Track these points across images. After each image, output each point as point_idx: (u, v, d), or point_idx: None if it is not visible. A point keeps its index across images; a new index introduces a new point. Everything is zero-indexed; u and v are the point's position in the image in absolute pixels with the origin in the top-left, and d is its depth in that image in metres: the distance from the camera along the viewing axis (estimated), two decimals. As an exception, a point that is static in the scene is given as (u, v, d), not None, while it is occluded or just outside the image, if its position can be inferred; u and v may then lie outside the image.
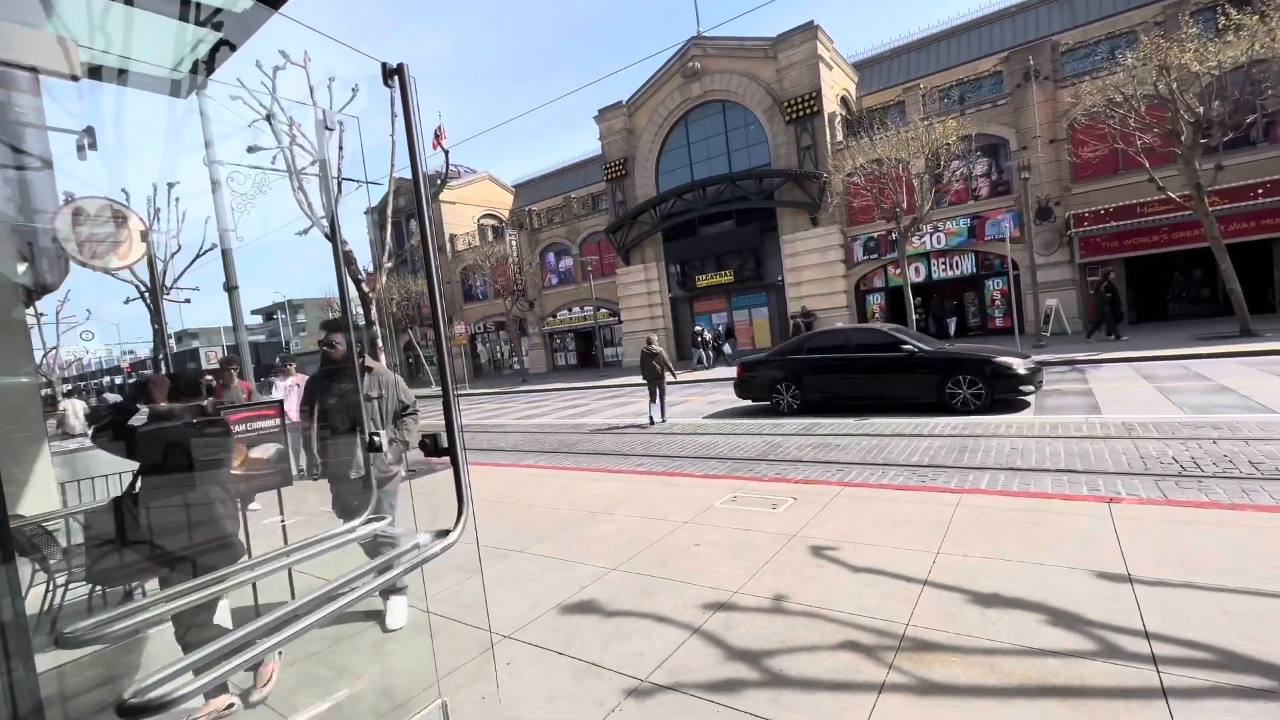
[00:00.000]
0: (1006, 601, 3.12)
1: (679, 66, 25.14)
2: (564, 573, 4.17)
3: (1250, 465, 5.21)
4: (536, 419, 14.30)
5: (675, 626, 3.24)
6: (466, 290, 36.51)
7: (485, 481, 7.42)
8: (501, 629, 3.41)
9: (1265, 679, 2.34)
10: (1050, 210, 19.02)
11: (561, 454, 9.36)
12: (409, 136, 1.81)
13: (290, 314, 62.03)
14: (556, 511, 5.73)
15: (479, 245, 33.95)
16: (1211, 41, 13.23)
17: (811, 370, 10.39)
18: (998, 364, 8.87)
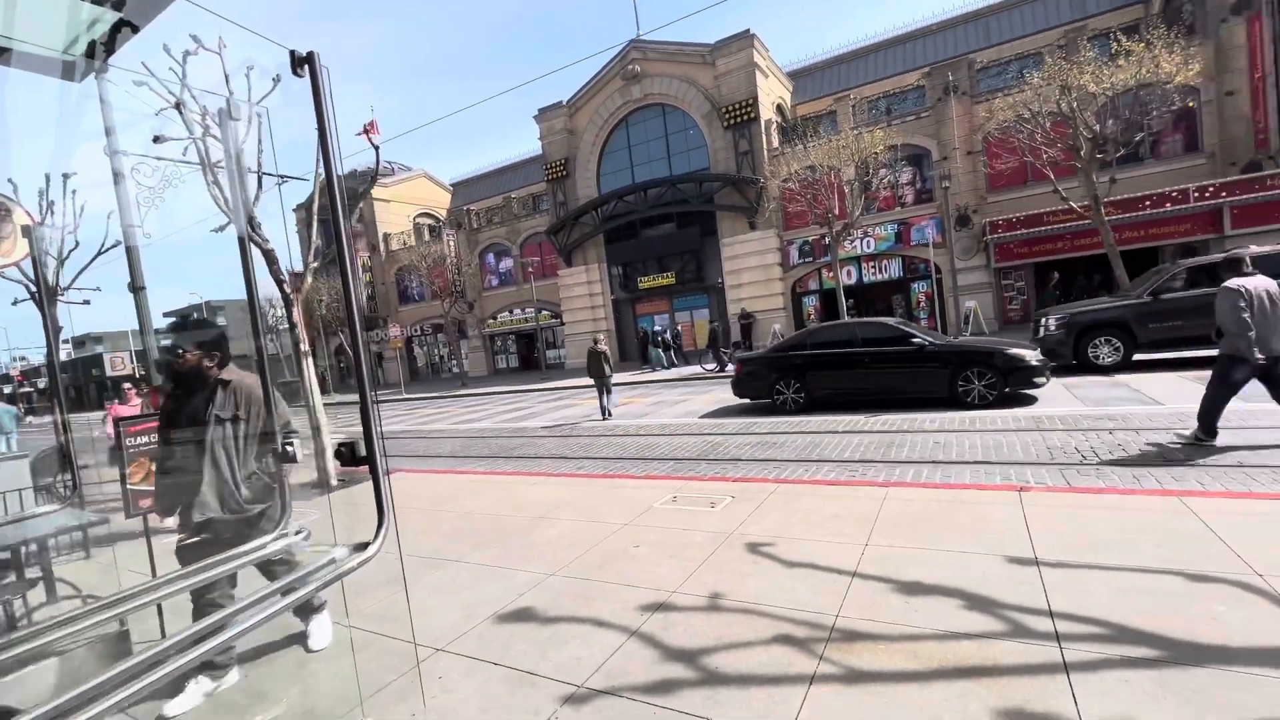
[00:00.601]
0: (928, 589, 3.28)
1: (619, 69, 25.20)
2: (501, 580, 4.08)
3: (1140, 453, 5.70)
4: (476, 423, 13.96)
5: (613, 630, 3.22)
6: (402, 291, 35.27)
7: (421, 489, 7.17)
8: (434, 642, 3.30)
9: (1152, 649, 2.55)
10: (969, 218, 20.24)
11: (501, 458, 9.17)
12: (320, 129, 1.72)
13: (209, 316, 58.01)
14: (495, 518, 5.60)
15: (415, 245, 32.88)
16: (1106, 65, 14.46)
17: (816, 366, 10.01)
18: (1011, 355, 8.60)
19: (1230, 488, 4.48)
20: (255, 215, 7.46)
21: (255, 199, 7.12)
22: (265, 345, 2.08)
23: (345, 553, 1.72)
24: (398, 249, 34.43)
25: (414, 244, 33.46)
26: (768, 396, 10.49)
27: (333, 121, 1.79)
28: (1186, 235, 17.76)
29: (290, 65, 1.75)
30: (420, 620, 3.59)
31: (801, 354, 10.25)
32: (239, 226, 1.78)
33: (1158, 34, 14.44)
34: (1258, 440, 5.63)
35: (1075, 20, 22.29)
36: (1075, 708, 2.25)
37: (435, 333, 34.58)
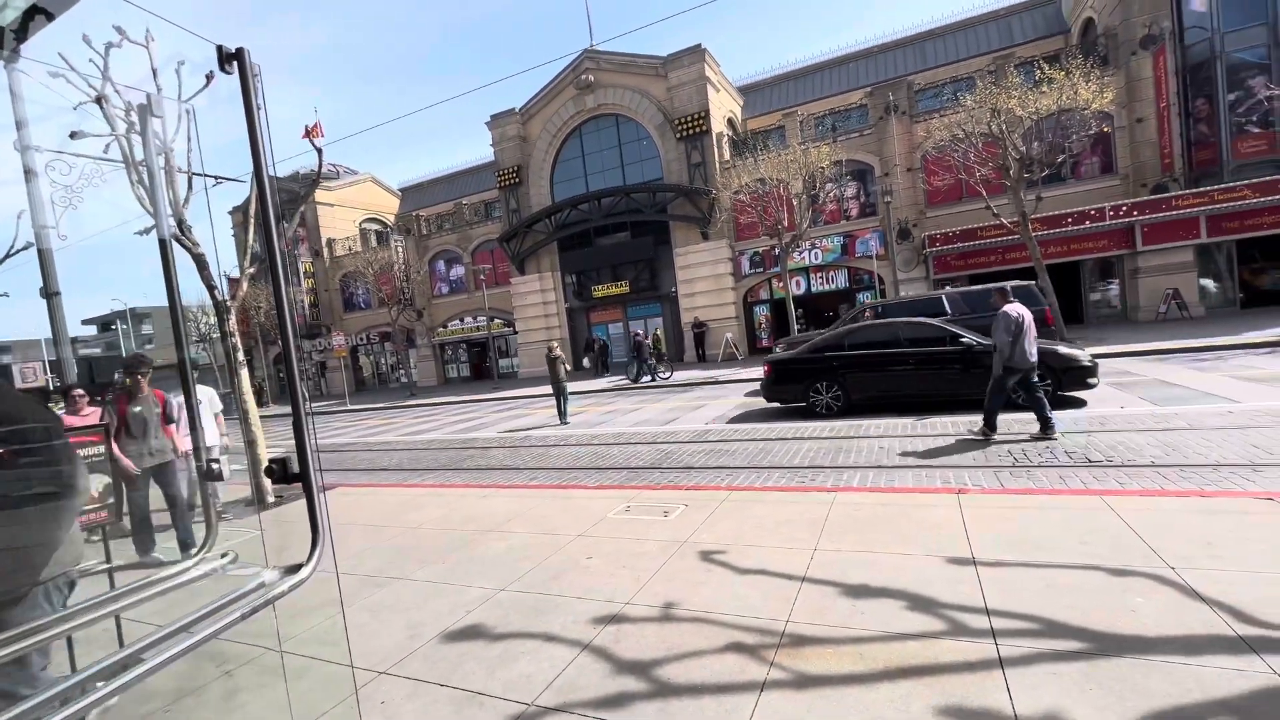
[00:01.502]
0: (873, 591, 3.37)
1: (572, 78, 25.22)
2: (449, 597, 3.96)
3: (1065, 455, 6.05)
4: (425, 434, 13.57)
5: (565, 644, 3.17)
6: (347, 299, 34.07)
7: (365, 505, 6.91)
8: (376, 665, 3.16)
9: (1079, 641, 2.69)
10: (909, 231, 21.15)
11: (451, 470, 8.93)
12: (250, 129, 1.64)
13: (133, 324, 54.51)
14: (444, 532, 5.44)
15: (361, 251, 31.87)
16: (1031, 91, 15.43)
17: (856, 367, 9.44)
18: (1065, 356, 8.36)
19: (1145, 487, 4.80)
20: (185, 217, 7.06)
21: (185, 200, 6.74)
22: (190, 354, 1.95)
23: (275, 575, 1.62)
24: (342, 255, 33.27)
25: (360, 250, 32.42)
26: (802, 400, 9.87)
27: (263, 121, 1.71)
28: (1104, 251, 19.08)
29: (218, 61, 1.66)
30: (362, 643, 3.44)
31: (840, 355, 9.67)
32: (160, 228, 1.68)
33: (1076, 64, 15.55)
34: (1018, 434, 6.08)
35: (1004, 48, 23.73)
36: (1010, 701, 2.35)
37: (382, 341, 33.52)
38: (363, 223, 36.18)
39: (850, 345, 9.73)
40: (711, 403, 13.15)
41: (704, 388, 16.38)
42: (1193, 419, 6.88)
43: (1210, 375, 9.55)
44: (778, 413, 10.62)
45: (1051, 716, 2.25)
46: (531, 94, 26.83)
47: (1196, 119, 18.28)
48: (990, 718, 2.28)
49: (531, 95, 26.52)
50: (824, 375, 9.73)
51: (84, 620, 1.79)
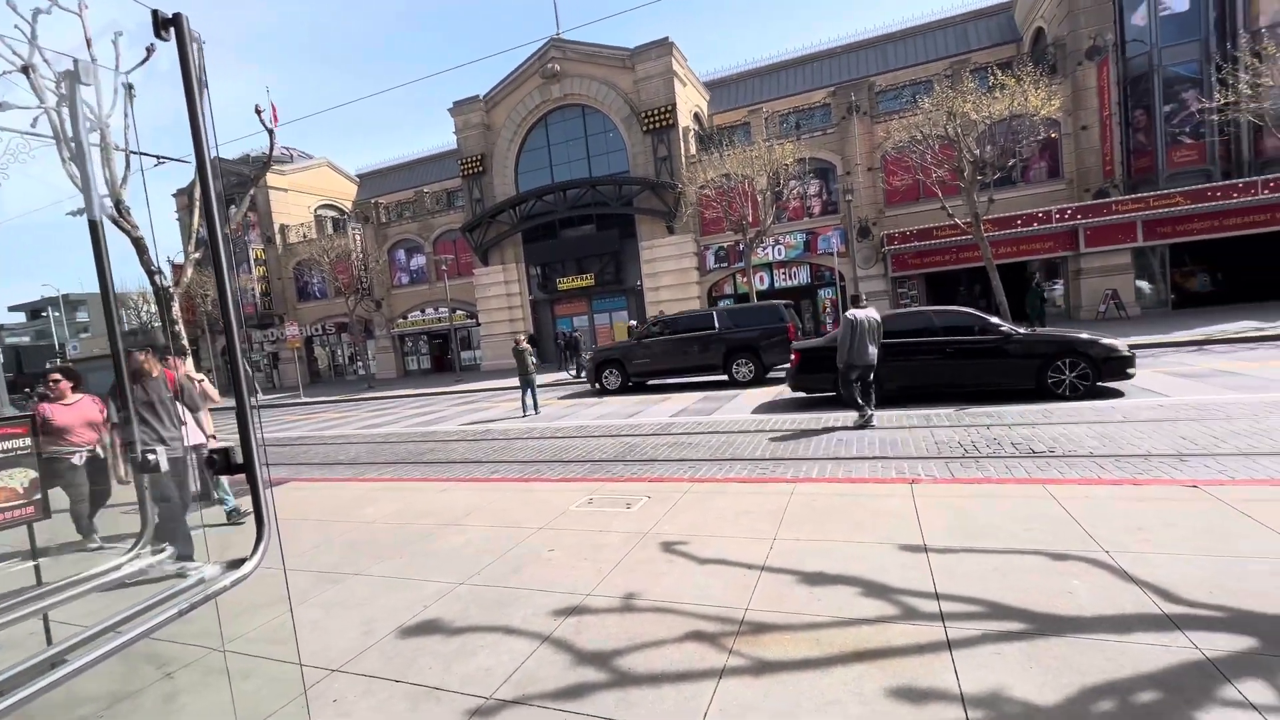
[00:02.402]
0: (829, 579, 3.45)
1: (538, 66, 24.86)
2: (406, 592, 3.87)
3: (1012, 446, 6.31)
4: (382, 428, 13.24)
5: (525, 637, 3.14)
6: (301, 287, 32.92)
7: (319, 499, 6.70)
8: (329, 663, 3.07)
9: (1020, 623, 2.82)
10: (869, 230, 21.66)
11: (409, 464, 8.75)
12: (189, 103, 1.55)
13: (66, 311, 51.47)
14: (401, 527, 5.32)
15: (316, 238, 30.79)
16: (985, 96, 15.96)
17: (890, 357, 9.05)
18: (1106, 345, 8.36)
19: (1084, 475, 5.05)
20: (124, 198, 6.68)
21: (123, 181, 6.38)
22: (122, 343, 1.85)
23: (217, 571, 1.55)
24: (296, 242, 32.09)
25: (315, 237, 31.33)
26: (831, 389, 9.41)
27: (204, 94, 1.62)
28: (1050, 252, 19.95)
29: (153, 27, 1.57)
30: (315, 640, 3.34)
31: None
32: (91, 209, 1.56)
33: (1027, 71, 16.15)
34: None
35: (960, 53, 24.47)
36: (957, 681, 2.44)
37: (339, 332, 32.53)
38: (318, 209, 34.96)
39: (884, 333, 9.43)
40: (675, 396, 13.23)
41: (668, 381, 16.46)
42: (1127, 412, 7.27)
43: (1144, 372, 10.09)
44: (802, 403, 10.33)
45: (995, 695, 2.34)
46: (495, 81, 26.31)
47: (1136, 128, 19.26)
48: (938, 697, 2.36)
49: (496, 83, 26.04)
50: None
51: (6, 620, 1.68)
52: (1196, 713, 2.14)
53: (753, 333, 13.48)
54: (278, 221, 32.34)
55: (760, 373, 13.45)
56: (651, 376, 14.63)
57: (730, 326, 13.79)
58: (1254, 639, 2.52)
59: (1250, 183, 17.21)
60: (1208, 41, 18.11)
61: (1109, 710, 2.20)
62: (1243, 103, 15.18)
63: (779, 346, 13.17)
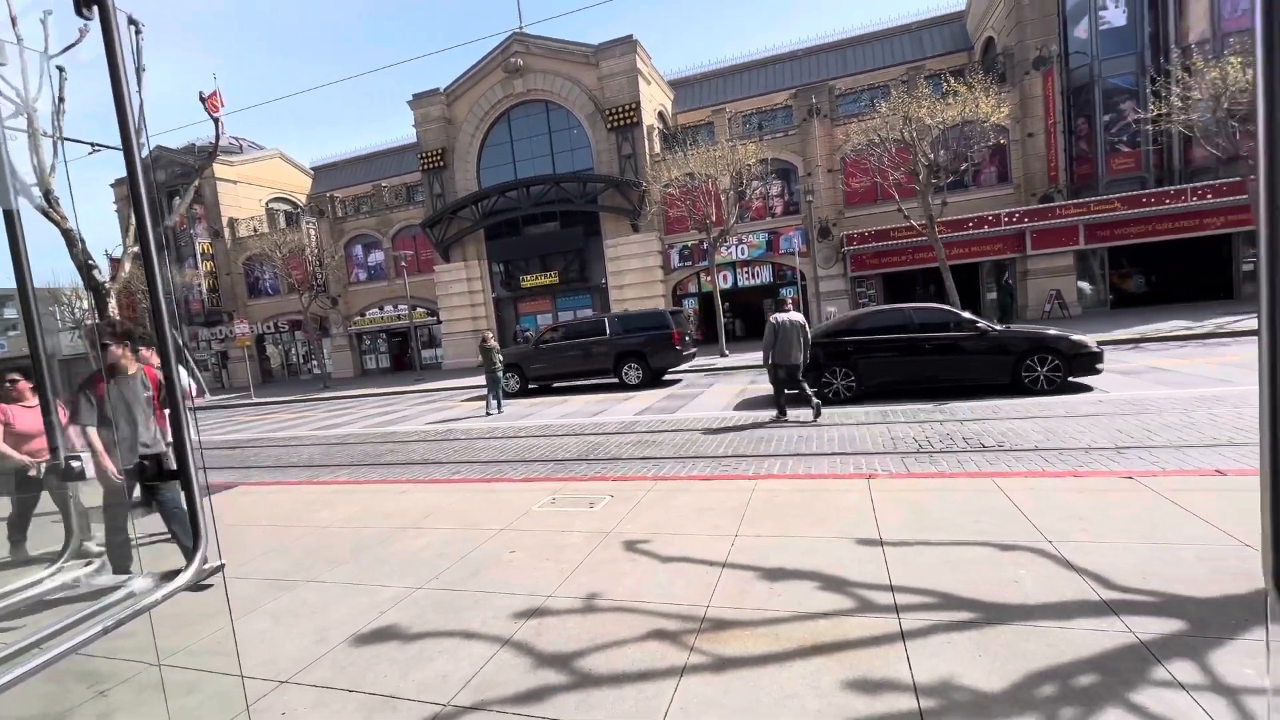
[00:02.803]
0: (789, 574, 3.50)
1: (501, 60, 24.50)
2: (361, 598, 3.76)
3: (964, 441, 6.53)
4: (339, 429, 12.85)
5: (484, 641, 3.09)
6: (252, 283, 31.66)
7: (270, 504, 6.45)
8: (278, 674, 2.96)
9: (970, 612, 2.91)
10: (829, 230, 22.10)
11: (367, 466, 8.51)
12: (115, 86, 1.45)
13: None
14: (357, 531, 5.17)
15: (268, 232, 29.64)
16: (939, 102, 16.47)
17: (869, 352, 9.39)
18: (1076, 341, 8.69)
19: (1030, 468, 5.27)
20: (53, 188, 6.28)
21: (51, 169, 5.99)
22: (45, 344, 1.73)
23: (149, 583, 1.46)
24: (247, 236, 30.84)
25: (267, 231, 30.15)
26: (813, 386, 9.37)
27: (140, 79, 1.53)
28: (999, 254, 20.73)
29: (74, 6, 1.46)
30: (263, 651, 3.21)
31: (852, 339, 9.61)
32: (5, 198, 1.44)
33: (978, 79, 16.74)
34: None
35: (915, 60, 25.19)
36: (910, 671, 2.50)
37: (292, 330, 31.42)
38: (270, 202, 33.68)
39: (864, 330, 9.68)
40: (639, 395, 13.24)
41: (633, 379, 16.47)
42: (1070, 407, 7.62)
43: (1085, 368, 10.59)
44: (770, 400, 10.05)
45: (945, 683, 2.41)
46: (456, 75, 25.82)
47: (1078, 136, 20.18)
48: (891, 687, 2.42)
49: (457, 76, 25.55)
50: (837, 360, 9.60)
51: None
52: (1131, 694, 2.25)
53: (641, 338, 14.15)
54: (226, 214, 31.01)
55: (649, 376, 14.17)
56: (548, 380, 15.19)
57: (620, 332, 14.40)
58: (1182, 621, 2.66)
59: (1181, 190, 18.24)
60: (1143, 55, 19.10)
61: (1051, 695, 2.29)
62: (1174, 114, 16.07)
63: (665, 351, 13.97)
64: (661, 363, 14.20)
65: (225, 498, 6.91)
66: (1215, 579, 2.99)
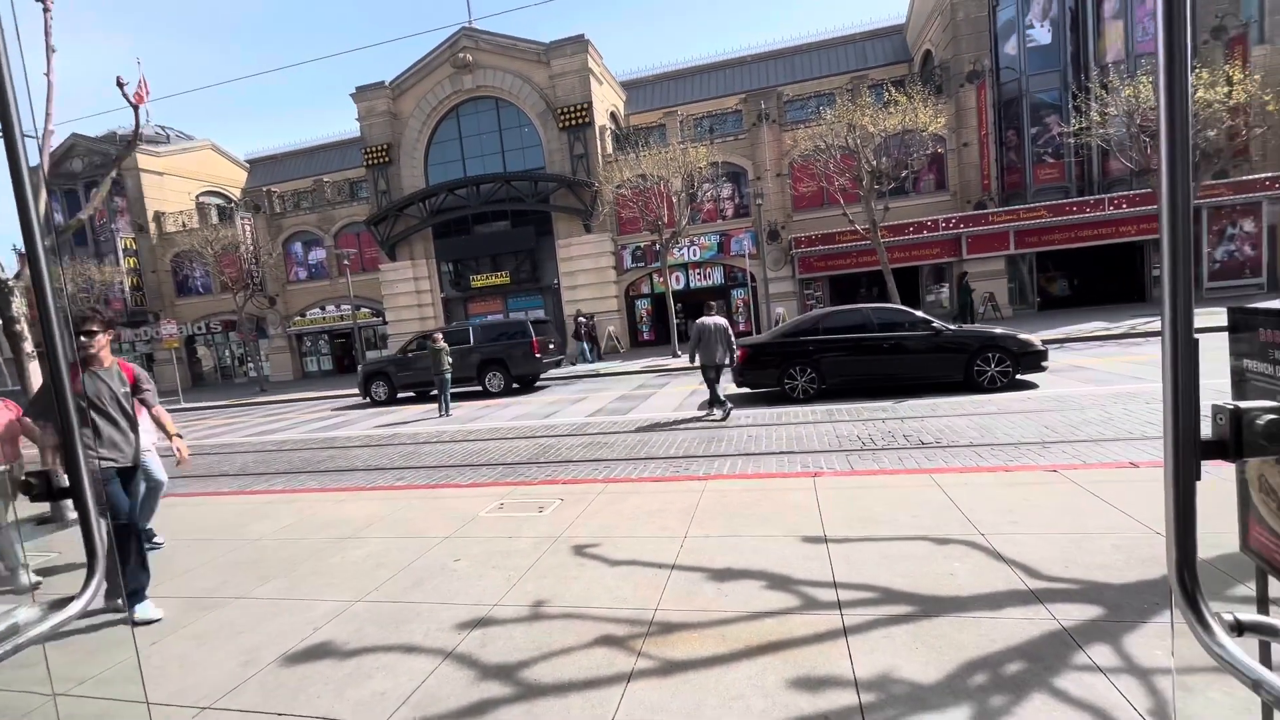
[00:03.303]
0: (736, 573, 3.53)
1: (449, 55, 23.93)
2: (295, 614, 3.58)
3: (904, 438, 6.77)
4: (276, 434, 12.24)
5: (426, 654, 2.98)
6: (180, 282, 29.85)
7: (196, 517, 6.08)
8: (199, 700, 2.77)
9: (909, 606, 3.00)
10: (778, 233, 22.59)
11: (305, 474, 8.13)
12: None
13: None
14: (292, 543, 4.92)
15: (198, 228, 28.01)
16: (881, 111, 17.08)
17: (831, 351, 9.69)
18: (1023, 340, 9.11)
19: (964, 464, 5.50)
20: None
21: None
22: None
23: (36, 613, 1.33)
24: (175, 231, 29.05)
25: (197, 226, 28.48)
26: (775, 385, 9.92)
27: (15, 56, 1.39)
28: (938, 258, 21.66)
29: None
30: (183, 676, 3.00)
31: (815, 339, 9.87)
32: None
33: (916, 90, 17.44)
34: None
35: (859, 69, 26.05)
36: (851, 666, 2.56)
37: (226, 331, 29.78)
38: (200, 196, 31.82)
39: (825, 329, 9.94)
40: (593, 395, 13.17)
41: (586, 380, 16.38)
42: (1002, 404, 8.02)
43: (1015, 367, 11.17)
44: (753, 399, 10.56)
45: (885, 676, 2.48)
46: (402, 68, 25.05)
47: (1008, 147, 21.30)
48: (834, 683, 2.46)
49: (403, 69, 24.81)
50: (799, 360, 9.83)
51: None
52: (1054, 679, 2.36)
53: (501, 347, 14.58)
54: (151, 208, 29.12)
55: (509, 383, 14.72)
56: (414, 388, 15.37)
57: (483, 341, 14.88)
58: (1101, 607, 2.82)
59: (1099, 200, 19.52)
60: (1066, 73, 20.34)
61: (982, 684, 2.38)
62: (1093, 129, 17.19)
63: (525, 360, 14.46)
64: (522, 370, 14.55)
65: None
66: (1130, 566, 3.19)
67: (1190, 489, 0.79)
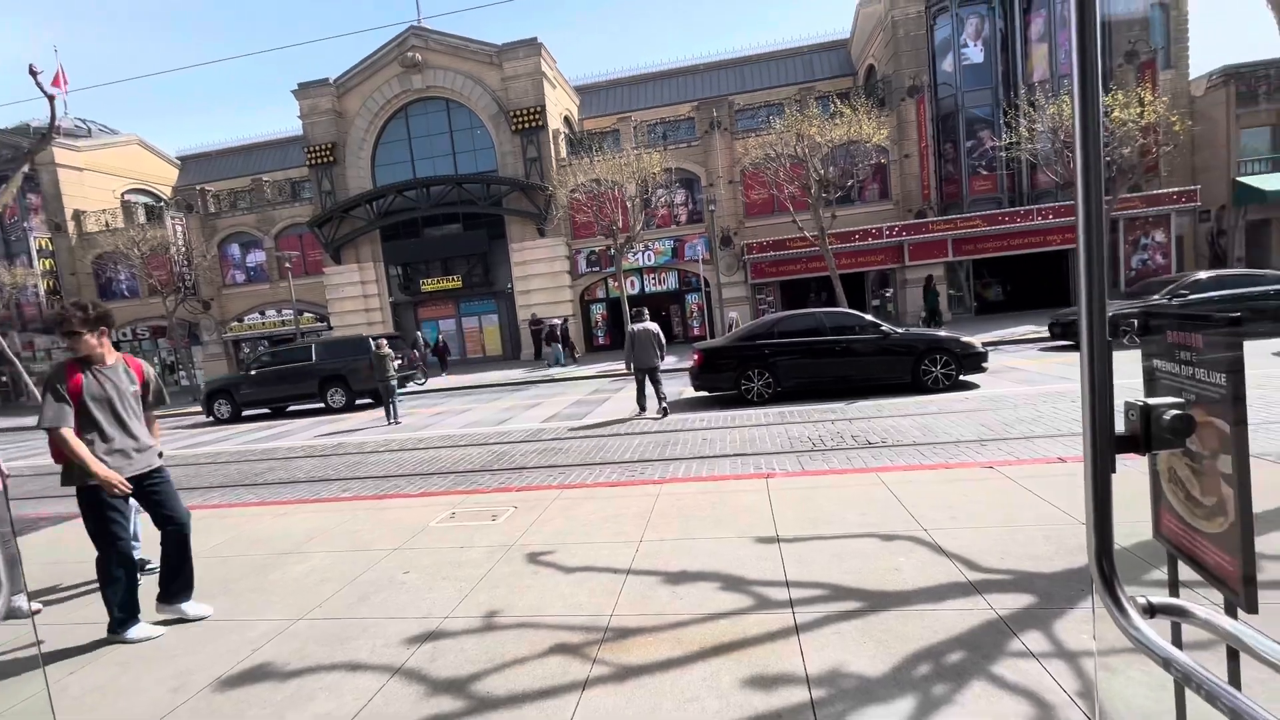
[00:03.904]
0: (691, 576, 3.55)
1: (397, 54, 23.36)
2: (230, 636, 3.39)
3: (852, 439, 6.98)
4: (209, 446, 11.60)
5: (373, 672, 2.87)
6: (103, 285, 27.99)
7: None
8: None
9: (857, 601, 3.09)
10: (730, 239, 22.98)
11: (242, 487, 7.73)
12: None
13: None
14: (228, 560, 4.66)
15: (124, 227, 26.34)
16: (828, 122, 17.64)
17: (786, 355, 9.92)
18: (966, 343, 9.53)
19: (908, 463, 5.72)
20: None
21: None
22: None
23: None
24: (97, 231, 27.22)
25: (123, 226, 26.77)
26: (733, 388, 10.09)
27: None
28: (882, 264, 22.49)
29: None
30: (104, 708, 2.79)
31: (770, 343, 10.08)
32: None
33: (860, 103, 18.11)
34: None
35: (806, 81, 26.84)
36: (803, 663, 2.61)
37: (155, 337, 28.07)
38: (126, 194, 29.94)
39: (780, 333, 10.17)
40: (547, 401, 13.04)
41: (539, 386, 16.21)
42: (943, 404, 8.37)
43: (955, 369, 11.70)
44: (691, 403, 10.70)
45: (835, 672, 2.54)
46: (347, 66, 24.28)
47: (946, 159, 22.35)
48: (786, 681, 2.51)
49: (349, 67, 24.04)
50: (756, 363, 10.00)
51: None
52: (992, 666, 2.47)
53: (341, 364, 14.83)
54: (71, 206, 27.21)
55: (350, 400, 14.97)
56: (258, 405, 15.60)
57: (325, 359, 15.13)
58: (1033, 595, 2.98)
59: (1029, 210, 20.71)
60: (997, 90, 21.52)
61: (926, 674, 2.47)
62: (1022, 143, 18.24)
63: (365, 376, 14.50)
64: (363, 387, 14.57)
65: (62, 531, 6.00)
66: (1059, 555, 3.37)
67: (1106, 481, 0.84)
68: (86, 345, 3.37)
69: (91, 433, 3.34)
